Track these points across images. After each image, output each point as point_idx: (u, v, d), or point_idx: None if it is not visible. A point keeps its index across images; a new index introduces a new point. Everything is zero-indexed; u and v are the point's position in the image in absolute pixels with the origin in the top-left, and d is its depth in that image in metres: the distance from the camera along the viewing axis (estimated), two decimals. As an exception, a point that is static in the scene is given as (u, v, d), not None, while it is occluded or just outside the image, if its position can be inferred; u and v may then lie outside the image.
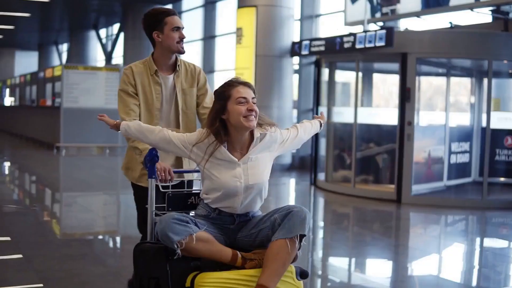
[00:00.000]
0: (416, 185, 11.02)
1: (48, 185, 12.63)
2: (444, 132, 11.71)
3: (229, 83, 3.72)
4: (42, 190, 12.21)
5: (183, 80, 4.34)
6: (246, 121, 3.61)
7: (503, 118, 12.15)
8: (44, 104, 21.89)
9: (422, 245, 8.05)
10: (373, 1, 13.30)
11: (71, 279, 5.61)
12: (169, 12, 4.24)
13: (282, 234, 3.47)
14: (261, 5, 14.97)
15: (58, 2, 24.12)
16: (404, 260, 7.06)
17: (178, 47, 4.23)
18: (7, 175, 14.72)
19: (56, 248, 6.99)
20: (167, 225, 3.39)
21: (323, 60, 12.31)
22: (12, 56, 40.79)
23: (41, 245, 6.97)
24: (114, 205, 10.85)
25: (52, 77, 21.08)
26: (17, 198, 10.88)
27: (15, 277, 5.71)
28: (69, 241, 7.57)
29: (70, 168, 15.84)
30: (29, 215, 9.11)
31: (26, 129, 24.80)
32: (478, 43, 10.55)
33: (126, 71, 4.27)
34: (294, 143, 3.99)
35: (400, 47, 10.54)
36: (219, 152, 3.68)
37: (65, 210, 9.95)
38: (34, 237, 7.46)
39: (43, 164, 16.39)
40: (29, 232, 7.73)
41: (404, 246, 7.86)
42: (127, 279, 4.91)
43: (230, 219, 3.74)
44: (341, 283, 6.15)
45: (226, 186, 3.64)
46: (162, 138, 3.75)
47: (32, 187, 12.64)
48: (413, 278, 6.32)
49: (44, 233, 7.84)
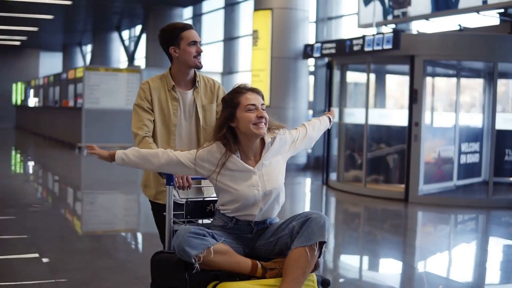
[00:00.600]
0: (426, 185, 11.26)
1: (68, 184, 13.02)
2: (454, 133, 11.91)
3: (237, 90, 3.66)
4: (62, 188, 12.58)
5: (202, 96, 4.23)
6: (256, 128, 3.56)
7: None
8: (66, 105, 22.33)
9: (425, 243, 8.30)
10: (385, 4, 13.53)
11: (92, 277, 5.82)
12: (185, 27, 4.14)
13: (301, 242, 3.40)
14: (277, 8, 15.25)
15: (81, 4, 24.48)
16: (410, 258, 7.32)
17: (195, 62, 4.12)
18: (30, 174, 15.14)
19: (74, 244, 7.28)
20: (183, 240, 3.32)
21: (335, 62, 12.58)
22: (37, 57, 40.94)
23: (59, 242, 7.27)
24: (133, 203, 11.18)
25: (74, 78, 21.51)
26: (39, 196, 11.25)
27: (34, 273, 5.88)
28: (88, 238, 7.85)
29: (91, 168, 16.22)
30: (46, 212, 9.40)
31: (49, 129, 25.31)
32: (483, 45, 10.76)
33: (143, 86, 4.17)
34: (305, 142, 3.93)
35: (408, 50, 10.78)
36: (232, 163, 3.61)
37: (86, 208, 10.29)
38: (51, 234, 7.72)
39: (65, 164, 16.85)
40: (47, 229, 7.98)
41: (408, 244, 8.13)
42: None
43: (247, 228, 3.66)
44: (348, 279, 6.38)
45: (245, 197, 3.57)
46: (168, 160, 3.65)
47: (53, 186, 13.01)
48: (415, 275, 6.58)
49: (64, 230, 8.13)
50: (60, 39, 36.68)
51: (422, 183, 11.15)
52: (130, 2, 24.45)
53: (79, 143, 19.62)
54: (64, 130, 22.41)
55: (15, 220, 8.50)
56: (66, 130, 22.03)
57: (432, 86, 12.05)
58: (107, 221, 9.05)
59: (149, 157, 3.65)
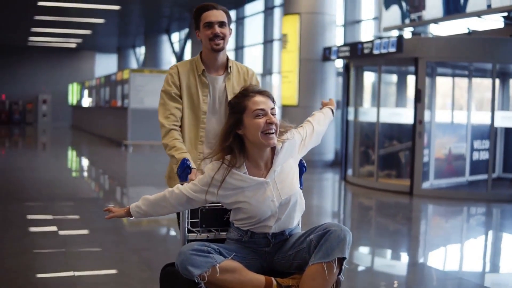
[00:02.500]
0: (437, 180, 11.99)
1: (113, 179, 14.11)
2: (466, 130, 12.56)
3: (244, 93, 3.35)
4: (107, 183, 13.67)
5: (234, 83, 3.96)
6: (265, 138, 3.27)
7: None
8: (115, 104, 23.59)
9: (417, 231, 9.08)
10: (403, 8, 14.25)
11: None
12: (206, 7, 3.89)
13: (319, 257, 3.13)
14: (304, 12, 16.05)
15: (130, 9, 25.58)
16: (397, 244, 8.11)
17: (211, 44, 3.86)
18: (79, 170, 16.32)
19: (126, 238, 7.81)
20: (186, 258, 3.10)
21: (351, 64, 13.38)
22: (93, 58, 42.37)
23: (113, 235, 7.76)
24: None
25: (121, 80, 22.72)
26: (90, 190, 12.26)
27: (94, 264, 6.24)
28: (135, 233, 8.18)
29: (135, 164, 17.34)
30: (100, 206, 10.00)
31: (99, 128, 26.63)
32: (482, 47, 11.44)
33: (171, 70, 3.95)
34: (314, 139, 3.65)
35: (412, 52, 11.53)
36: (239, 180, 3.33)
37: (130, 202, 10.92)
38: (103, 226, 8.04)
39: (110, 160, 18.01)
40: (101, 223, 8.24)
41: (400, 231, 8.93)
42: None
43: (264, 241, 3.39)
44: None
45: (261, 211, 3.31)
46: (177, 199, 3.38)
47: (99, 181, 14.09)
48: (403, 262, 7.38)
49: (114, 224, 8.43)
50: (115, 41, 37.85)
51: (432, 177, 11.89)
52: (177, 6, 25.42)
53: (125, 141, 20.80)
54: (112, 128, 23.68)
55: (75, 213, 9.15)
56: (114, 128, 23.29)
57: (452, 84, 12.76)
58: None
59: (159, 202, 3.42)
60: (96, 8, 24.35)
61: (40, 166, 16.14)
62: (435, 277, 6.41)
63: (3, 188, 11.53)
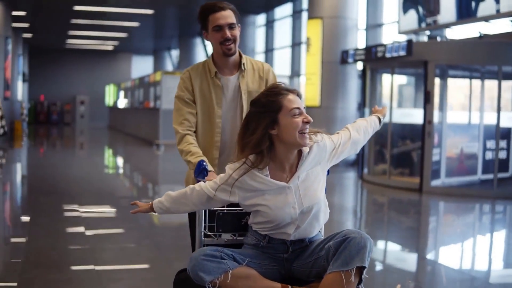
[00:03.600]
0: (448, 178, 12.50)
1: (143, 177, 14.87)
2: (478, 130, 13.03)
3: (276, 91, 3.18)
4: (138, 180, 14.44)
5: (249, 81, 3.79)
6: (301, 138, 3.12)
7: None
8: (148, 105, 24.37)
9: (424, 225, 9.65)
10: (419, 12, 14.77)
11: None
12: (212, 9, 3.67)
13: (337, 266, 2.97)
14: (327, 16, 16.61)
15: (164, 13, 26.31)
16: (397, 234, 8.69)
17: (223, 49, 3.68)
18: (111, 168, 17.15)
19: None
20: (197, 263, 3.00)
21: (368, 66, 13.95)
22: (129, 60, 43.30)
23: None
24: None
25: (154, 81, 23.50)
26: (124, 188, 12.97)
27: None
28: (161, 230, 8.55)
29: (165, 162, 18.08)
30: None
31: (134, 128, 27.47)
32: (487, 51, 11.98)
33: (183, 76, 3.80)
34: (349, 148, 3.41)
35: (422, 56, 12.07)
36: (259, 182, 3.18)
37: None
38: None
39: (142, 159, 18.77)
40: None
41: (404, 223, 9.52)
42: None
43: (283, 247, 3.24)
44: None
45: (280, 217, 3.16)
46: (199, 197, 3.27)
47: (130, 178, 14.90)
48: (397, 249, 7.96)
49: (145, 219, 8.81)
50: (150, 44, 38.64)
51: (444, 175, 12.41)
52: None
53: (157, 140, 21.57)
54: (145, 128, 24.49)
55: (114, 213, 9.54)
56: (147, 128, 24.10)
57: (455, 87, 13.27)
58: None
59: (180, 199, 3.32)
60: (130, 12, 25.21)
61: (76, 164, 17.12)
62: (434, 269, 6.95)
63: (41, 183, 12.35)
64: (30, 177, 13.83)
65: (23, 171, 15.13)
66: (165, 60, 41.02)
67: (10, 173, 14.34)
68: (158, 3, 23.54)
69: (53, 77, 40.92)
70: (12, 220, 8.88)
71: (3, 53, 22.73)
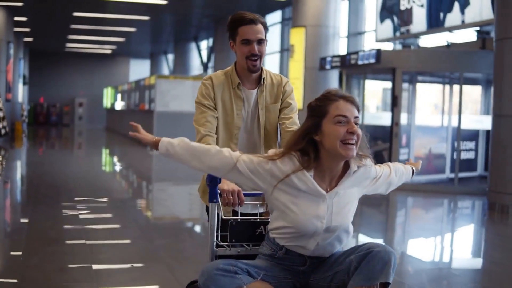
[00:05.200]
0: (417, 176, 13.45)
1: (137, 175, 15.93)
2: (446, 132, 14.07)
3: (327, 96, 3.02)
4: (131, 179, 15.48)
5: (267, 95, 3.71)
6: (344, 148, 2.92)
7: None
8: (143, 108, 25.37)
9: (391, 219, 10.70)
10: (394, 22, 15.88)
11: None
12: (243, 21, 3.56)
13: (358, 281, 2.86)
14: (310, 25, 17.64)
15: (160, 19, 27.27)
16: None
17: (248, 63, 3.58)
18: (108, 166, 18.20)
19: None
20: (210, 278, 2.82)
21: (344, 72, 15.04)
22: (127, 64, 44.37)
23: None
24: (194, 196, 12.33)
25: (149, 85, 24.50)
26: (119, 187, 13.89)
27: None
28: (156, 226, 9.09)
29: (158, 162, 18.95)
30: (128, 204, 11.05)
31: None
32: (450, 59, 13.13)
33: (205, 82, 3.69)
34: (385, 185, 3.32)
35: (390, 63, 13.17)
36: (302, 181, 2.98)
37: (156, 200, 11.89)
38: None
39: (137, 160, 19.76)
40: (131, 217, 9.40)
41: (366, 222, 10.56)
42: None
43: (300, 260, 3.08)
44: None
45: (304, 225, 2.98)
46: (221, 162, 3.02)
47: (123, 176, 15.94)
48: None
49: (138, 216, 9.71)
50: (147, 48, 39.59)
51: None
52: (204, 16, 27.04)
53: (151, 142, 22.57)
54: (140, 130, 25.44)
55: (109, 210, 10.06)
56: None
57: (424, 92, 14.37)
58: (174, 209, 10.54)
59: (199, 153, 3.06)
60: (128, 18, 26.30)
61: (73, 162, 18.33)
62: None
63: (41, 178, 13.45)
64: (30, 173, 14.93)
65: (25, 168, 16.26)
66: (162, 63, 41.80)
67: (12, 170, 15.44)
68: (154, 10, 24.51)
69: (53, 79, 41.95)
70: (16, 207, 10.03)
71: (5, 57, 23.81)
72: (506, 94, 10.32)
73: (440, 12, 14.23)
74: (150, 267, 6.18)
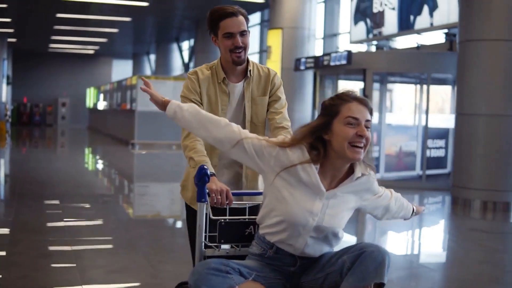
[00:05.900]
0: (388, 173, 14.08)
1: (118, 174, 16.35)
2: (417, 131, 14.62)
3: (341, 96, 2.98)
4: (113, 177, 15.93)
5: (254, 88, 3.65)
6: (352, 151, 2.88)
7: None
8: (124, 107, 25.77)
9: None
10: (368, 24, 16.47)
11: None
12: (224, 15, 3.50)
13: (351, 282, 2.80)
14: (286, 27, 18.19)
15: (141, 20, 27.76)
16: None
17: (232, 57, 3.53)
18: (90, 165, 18.69)
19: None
20: (201, 278, 2.74)
21: (317, 73, 15.60)
22: (110, 64, 44.70)
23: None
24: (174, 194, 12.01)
25: (131, 85, 24.93)
26: (102, 185, 14.29)
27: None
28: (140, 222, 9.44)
29: (140, 160, 19.53)
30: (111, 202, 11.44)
31: (112, 128, 28.77)
32: (418, 60, 13.71)
33: (191, 76, 3.62)
34: (383, 209, 3.27)
35: (360, 64, 13.73)
36: (306, 172, 2.94)
37: (137, 197, 11.91)
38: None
39: (118, 157, 20.03)
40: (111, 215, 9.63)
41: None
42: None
43: (290, 260, 3.02)
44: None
45: (295, 216, 2.93)
46: (229, 136, 3.01)
47: (105, 175, 16.38)
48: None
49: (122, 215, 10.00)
50: (130, 48, 39.98)
51: (383, 171, 13.99)
52: (185, 18, 27.57)
53: (132, 140, 23.03)
54: (122, 129, 25.87)
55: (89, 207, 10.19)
56: (124, 129, 25.47)
57: (396, 92, 14.93)
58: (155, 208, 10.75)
59: (208, 122, 3.04)
60: (110, 20, 26.75)
61: (56, 160, 18.69)
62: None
63: (25, 175, 13.89)
64: (15, 171, 15.31)
65: (8, 166, 16.63)
66: (144, 64, 42.19)
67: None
68: (136, 11, 24.92)
69: (36, 79, 42.16)
70: (1, 202, 10.46)
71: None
72: (468, 94, 10.88)
73: (410, 15, 14.83)
74: (128, 253, 6.71)
